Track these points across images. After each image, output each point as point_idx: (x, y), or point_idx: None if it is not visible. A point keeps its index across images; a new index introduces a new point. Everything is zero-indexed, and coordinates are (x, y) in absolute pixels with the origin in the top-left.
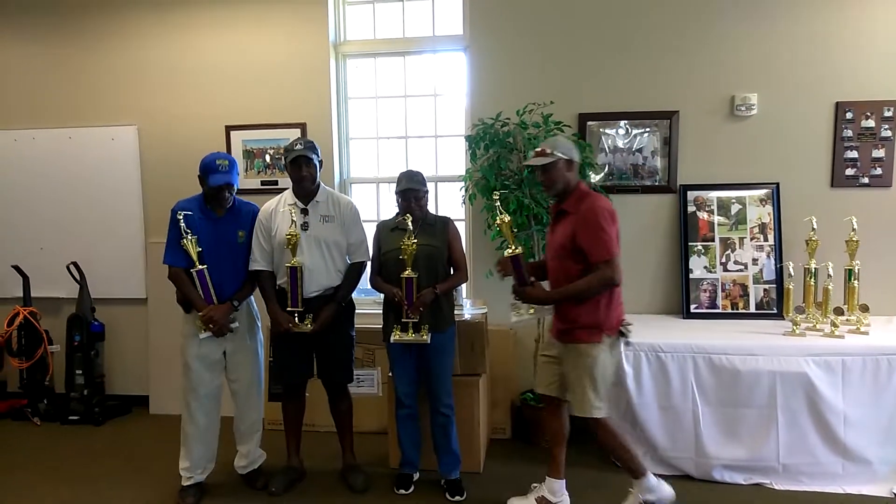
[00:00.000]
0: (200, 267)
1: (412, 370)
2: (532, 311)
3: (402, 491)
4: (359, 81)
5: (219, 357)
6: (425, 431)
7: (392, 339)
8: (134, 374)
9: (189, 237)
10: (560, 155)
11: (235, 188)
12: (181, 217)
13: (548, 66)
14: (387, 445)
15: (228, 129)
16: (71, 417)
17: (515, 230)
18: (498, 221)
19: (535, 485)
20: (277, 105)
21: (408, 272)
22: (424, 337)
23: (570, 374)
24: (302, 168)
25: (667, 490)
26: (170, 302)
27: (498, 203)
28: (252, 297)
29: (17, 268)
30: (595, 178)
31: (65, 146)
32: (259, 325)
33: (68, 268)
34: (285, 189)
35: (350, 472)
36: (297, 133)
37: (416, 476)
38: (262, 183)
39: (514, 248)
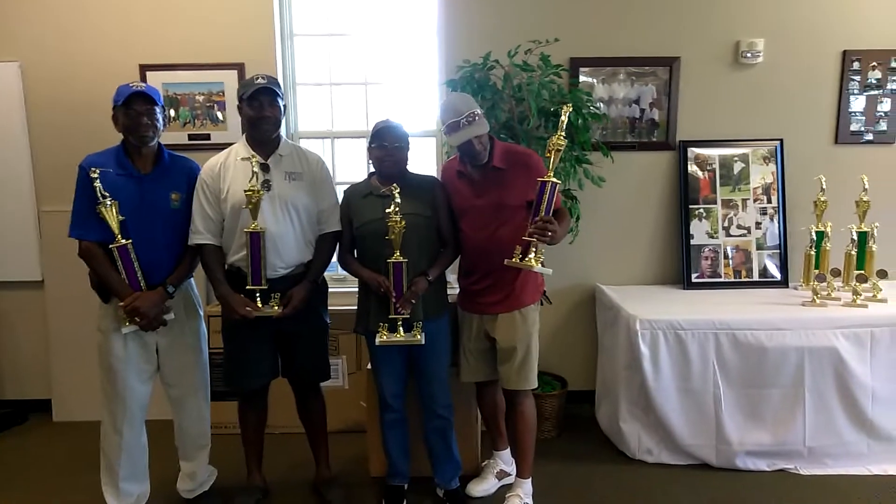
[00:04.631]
0: (123, 242)
1: (401, 367)
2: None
3: None
4: (308, 14)
5: (150, 357)
6: (413, 434)
7: (378, 340)
8: (31, 375)
9: (107, 202)
10: (481, 112)
11: (160, 108)
12: (96, 175)
13: (534, 2)
14: (359, 447)
15: (144, 68)
16: None
17: None
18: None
19: (484, 463)
20: (207, 41)
21: (396, 256)
22: (418, 336)
23: (512, 344)
24: (265, 106)
25: None
26: (73, 284)
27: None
28: (192, 278)
29: None
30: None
31: None
32: (201, 313)
33: None
34: (221, 145)
35: (326, 487)
36: (232, 75)
37: (406, 486)
38: (190, 137)
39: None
